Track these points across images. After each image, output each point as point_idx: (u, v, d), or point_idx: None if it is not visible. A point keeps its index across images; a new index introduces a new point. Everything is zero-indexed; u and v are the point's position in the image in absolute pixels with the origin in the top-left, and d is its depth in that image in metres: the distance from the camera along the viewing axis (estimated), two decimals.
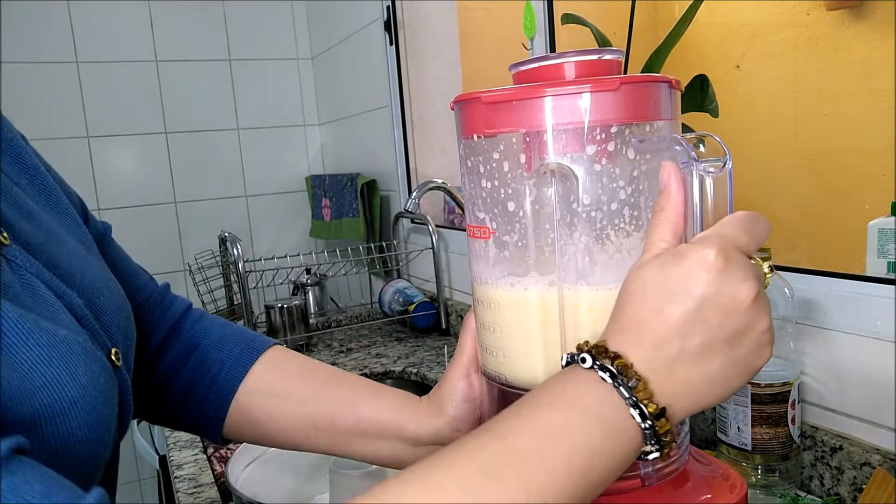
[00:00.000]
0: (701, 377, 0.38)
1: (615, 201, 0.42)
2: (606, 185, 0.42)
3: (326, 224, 2.12)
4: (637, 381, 0.36)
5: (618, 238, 0.43)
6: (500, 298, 0.46)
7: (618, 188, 0.42)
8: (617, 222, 0.43)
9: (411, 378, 1.35)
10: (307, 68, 2.35)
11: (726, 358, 0.38)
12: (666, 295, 0.38)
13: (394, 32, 1.72)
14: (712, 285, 0.37)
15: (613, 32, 1.37)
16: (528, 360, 0.46)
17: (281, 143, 2.33)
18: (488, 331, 0.48)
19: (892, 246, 1.05)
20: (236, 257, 1.45)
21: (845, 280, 0.76)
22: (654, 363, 0.37)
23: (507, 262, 0.45)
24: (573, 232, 0.43)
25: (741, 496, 0.48)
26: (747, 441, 0.75)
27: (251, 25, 2.24)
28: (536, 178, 0.43)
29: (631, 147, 0.42)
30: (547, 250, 0.44)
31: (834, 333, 0.77)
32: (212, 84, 2.22)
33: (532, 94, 0.42)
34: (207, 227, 2.18)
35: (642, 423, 0.36)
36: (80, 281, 0.47)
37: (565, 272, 0.43)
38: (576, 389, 0.37)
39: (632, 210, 0.43)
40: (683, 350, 0.37)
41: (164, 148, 2.17)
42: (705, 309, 0.37)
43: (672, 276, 0.38)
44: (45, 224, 0.48)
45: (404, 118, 1.76)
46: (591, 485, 0.36)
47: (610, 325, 0.40)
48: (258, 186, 2.31)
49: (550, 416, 0.36)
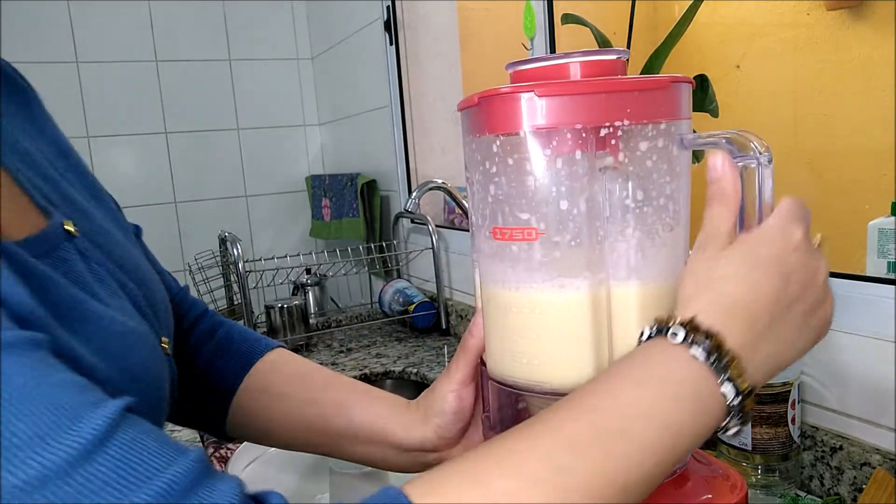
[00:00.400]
0: (781, 347, 0.40)
1: (662, 196, 0.44)
2: (656, 181, 0.43)
3: (326, 224, 2.12)
4: (731, 360, 0.37)
5: (664, 232, 0.44)
6: (546, 301, 0.44)
7: (664, 184, 0.44)
8: (663, 217, 0.44)
9: (411, 378, 1.35)
10: (307, 68, 2.34)
11: (803, 328, 0.41)
12: (759, 274, 0.39)
13: (394, 32, 1.72)
14: (799, 262, 0.40)
15: (613, 32, 1.37)
16: (576, 362, 0.45)
17: (281, 143, 2.33)
18: (522, 338, 0.46)
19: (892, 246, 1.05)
20: (236, 257, 1.45)
21: (845, 280, 0.76)
22: (746, 340, 0.38)
23: (556, 264, 0.43)
24: (625, 228, 0.43)
25: (741, 496, 0.47)
26: (747, 441, 0.75)
27: (251, 25, 2.24)
28: (590, 174, 0.42)
29: (675, 144, 0.43)
30: (597, 248, 0.43)
31: (834, 333, 0.77)
32: (212, 84, 2.22)
33: (596, 89, 0.41)
34: (207, 227, 2.18)
35: (733, 400, 0.37)
36: (135, 274, 0.49)
37: (616, 269, 0.44)
38: (664, 366, 0.37)
39: (674, 205, 0.44)
40: (772, 325, 0.39)
41: (164, 148, 2.17)
42: (792, 284, 0.40)
43: (762, 255, 0.39)
44: (97, 219, 0.50)
45: (404, 118, 1.76)
46: (674, 459, 0.36)
47: (692, 303, 0.39)
48: (258, 186, 2.31)
49: (639, 392, 0.36)
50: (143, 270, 0.52)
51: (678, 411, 0.36)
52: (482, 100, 0.44)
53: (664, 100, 0.43)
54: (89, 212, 0.49)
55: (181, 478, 0.31)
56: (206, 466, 0.33)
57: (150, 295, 0.51)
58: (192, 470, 0.31)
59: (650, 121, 0.42)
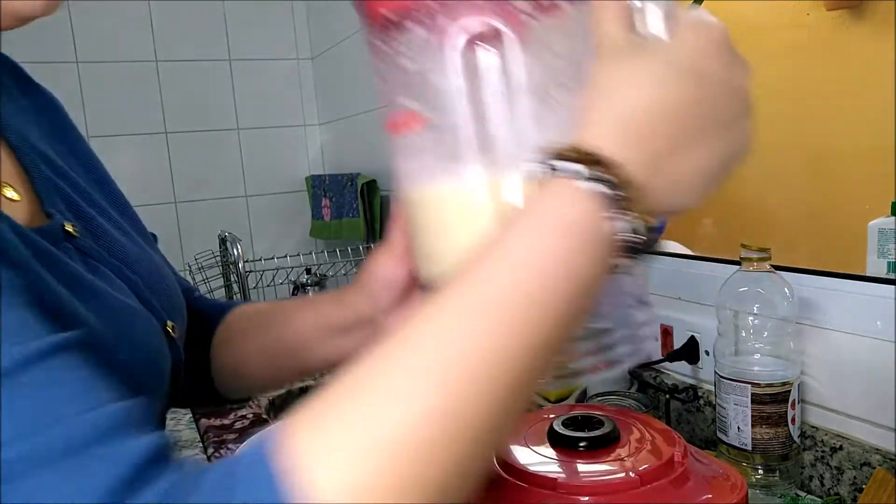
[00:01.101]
0: (693, 166, 0.35)
1: (556, 58, 0.38)
2: (545, 44, 0.38)
3: (326, 224, 2.12)
4: (630, 193, 0.32)
5: (564, 98, 0.38)
6: (445, 193, 0.40)
7: (555, 45, 0.38)
8: (561, 80, 0.38)
9: None
10: (307, 68, 2.34)
11: (717, 145, 0.35)
12: (666, 80, 0.33)
13: None
14: (716, 65, 0.34)
15: None
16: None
17: (281, 143, 2.33)
18: (428, 236, 0.42)
19: (892, 246, 1.05)
20: (236, 257, 1.45)
21: (845, 280, 0.77)
22: (648, 161, 0.33)
23: (447, 151, 0.39)
24: (517, 101, 0.38)
25: (741, 496, 0.48)
26: (747, 441, 0.75)
27: (251, 25, 2.24)
28: (467, 48, 0.38)
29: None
30: (489, 129, 0.39)
31: (834, 333, 0.77)
32: (212, 84, 2.22)
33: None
34: (207, 227, 2.18)
35: (633, 236, 0.33)
36: (137, 266, 0.53)
37: (517, 148, 0.38)
38: (556, 208, 0.33)
39: (575, 67, 0.38)
40: (683, 141, 0.34)
41: (164, 148, 2.17)
42: (706, 90, 0.34)
43: (672, 58, 0.34)
44: (104, 223, 0.53)
45: None
46: (580, 308, 0.34)
47: (590, 127, 0.34)
48: (258, 186, 2.31)
49: (530, 242, 0.33)
50: (149, 264, 0.55)
51: (574, 255, 0.32)
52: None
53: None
54: (97, 215, 0.52)
55: (87, 429, 0.29)
56: (126, 423, 0.30)
57: (153, 281, 0.54)
58: (106, 421, 0.30)
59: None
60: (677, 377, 0.97)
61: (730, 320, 0.77)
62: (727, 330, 0.78)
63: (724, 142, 0.35)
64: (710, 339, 0.89)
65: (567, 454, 0.52)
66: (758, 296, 0.75)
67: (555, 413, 0.58)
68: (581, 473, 0.49)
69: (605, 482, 0.47)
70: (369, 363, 0.32)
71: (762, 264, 0.75)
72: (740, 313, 0.76)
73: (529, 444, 0.54)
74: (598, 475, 0.48)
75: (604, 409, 0.59)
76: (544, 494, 0.47)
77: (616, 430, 0.53)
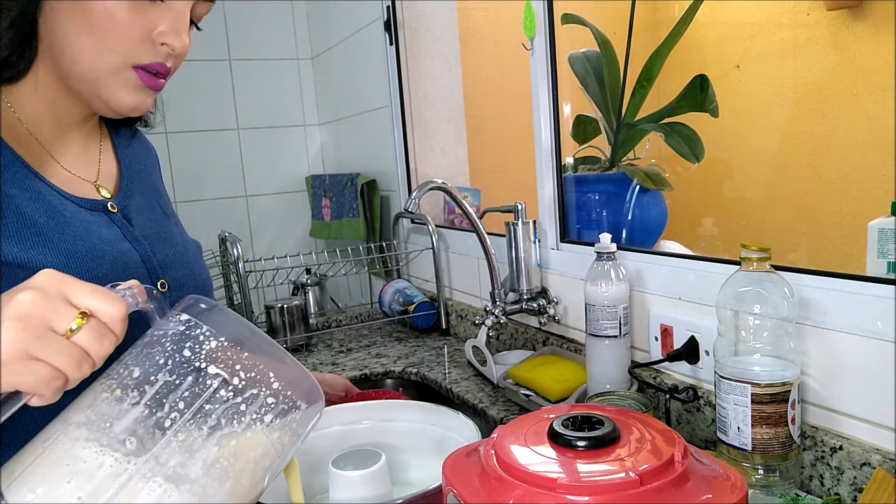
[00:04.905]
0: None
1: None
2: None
3: (326, 224, 2.12)
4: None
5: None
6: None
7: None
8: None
9: (411, 378, 1.35)
10: (307, 68, 2.34)
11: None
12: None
13: (394, 32, 1.72)
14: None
15: (613, 32, 1.37)
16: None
17: (281, 143, 2.33)
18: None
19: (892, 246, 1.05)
20: (236, 257, 1.45)
21: (845, 280, 0.76)
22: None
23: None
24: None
25: (741, 496, 0.48)
26: (747, 441, 0.75)
27: (251, 25, 2.24)
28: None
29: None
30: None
31: (834, 333, 0.77)
32: (212, 84, 2.22)
33: None
34: (207, 227, 2.18)
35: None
36: (157, 239, 0.80)
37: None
38: None
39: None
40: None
41: (164, 148, 2.17)
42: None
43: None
44: (146, 211, 0.82)
45: (404, 118, 1.76)
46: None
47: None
48: (258, 186, 2.31)
49: None
50: (177, 255, 0.81)
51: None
52: None
53: None
54: (141, 206, 0.80)
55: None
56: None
57: (162, 250, 0.78)
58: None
59: None
60: (677, 377, 0.97)
61: (730, 320, 0.77)
62: (727, 330, 0.78)
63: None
64: (710, 339, 0.89)
65: (567, 454, 0.52)
66: (758, 296, 0.75)
67: (555, 413, 0.58)
68: (581, 473, 0.49)
69: (605, 482, 0.47)
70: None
71: (762, 264, 0.75)
72: (740, 313, 0.76)
73: (529, 444, 0.54)
74: (598, 475, 0.48)
75: (604, 409, 0.59)
76: (544, 494, 0.47)
77: (616, 430, 0.53)
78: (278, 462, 0.52)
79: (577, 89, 1.38)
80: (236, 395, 0.48)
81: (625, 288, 0.97)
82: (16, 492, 0.44)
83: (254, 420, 0.49)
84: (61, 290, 0.46)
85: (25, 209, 0.65)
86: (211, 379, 0.48)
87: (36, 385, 0.44)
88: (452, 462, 0.57)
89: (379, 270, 1.91)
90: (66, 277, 0.47)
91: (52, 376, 0.45)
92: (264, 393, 0.49)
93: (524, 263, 1.22)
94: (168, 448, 0.46)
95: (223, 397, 0.48)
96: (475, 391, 1.19)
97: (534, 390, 1.09)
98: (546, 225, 1.26)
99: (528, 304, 1.23)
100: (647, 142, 1.36)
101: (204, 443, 0.47)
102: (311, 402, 0.52)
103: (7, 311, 0.44)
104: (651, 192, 1.28)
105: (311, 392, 0.52)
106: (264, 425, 0.49)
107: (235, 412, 0.48)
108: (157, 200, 0.87)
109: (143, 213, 0.80)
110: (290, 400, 0.50)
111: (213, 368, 0.48)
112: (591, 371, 1.01)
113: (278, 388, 0.50)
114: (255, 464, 0.49)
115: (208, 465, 0.46)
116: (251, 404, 0.49)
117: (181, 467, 0.46)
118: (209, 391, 0.48)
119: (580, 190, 1.30)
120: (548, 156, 1.25)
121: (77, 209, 0.71)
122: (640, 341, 1.05)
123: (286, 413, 0.50)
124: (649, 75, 1.29)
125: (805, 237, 1.73)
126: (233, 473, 0.48)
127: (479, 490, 0.51)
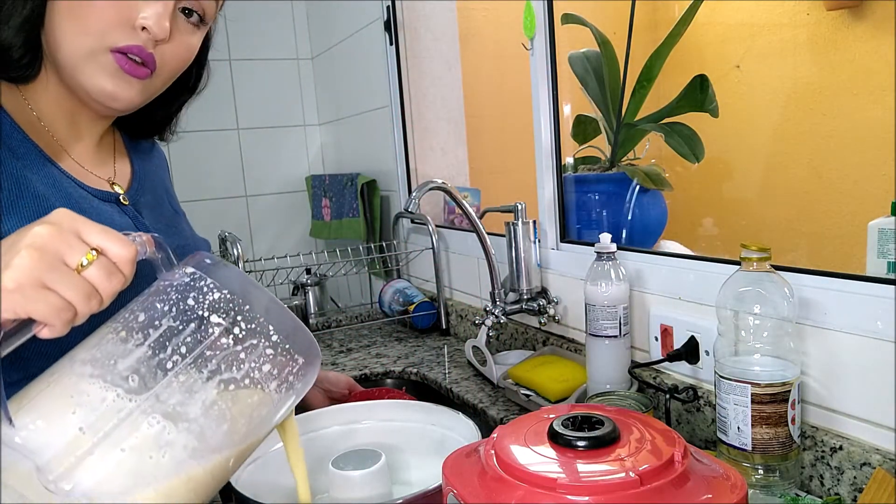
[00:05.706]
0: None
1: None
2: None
3: (326, 224, 2.12)
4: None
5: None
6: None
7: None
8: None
9: (411, 378, 1.35)
10: (307, 68, 2.34)
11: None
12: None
13: (394, 32, 1.72)
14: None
15: (613, 32, 1.37)
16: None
17: (281, 143, 2.33)
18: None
19: (892, 246, 1.05)
20: (236, 257, 1.45)
21: (845, 280, 0.76)
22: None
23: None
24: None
25: (741, 496, 0.48)
26: (747, 441, 0.75)
27: (251, 25, 2.24)
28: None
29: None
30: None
31: (834, 333, 0.77)
32: (212, 84, 2.21)
33: None
34: (207, 227, 2.18)
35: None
36: (167, 232, 0.83)
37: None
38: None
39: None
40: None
41: (164, 148, 2.17)
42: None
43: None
44: (155, 207, 0.86)
45: (404, 118, 1.76)
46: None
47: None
48: (258, 186, 2.31)
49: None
50: (185, 239, 0.87)
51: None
52: None
53: None
54: (152, 203, 0.85)
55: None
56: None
57: (172, 241, 0.74)
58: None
59: None
60: (677, 377, 0.97)
61: (730, 320, 0.77)
62: (727, 330, 0.78)
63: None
64: (710, 339, 0.89)
65: (567, 454, 0.52)
66: (758, 296, 0.75)
67: (555, 413, 0.58)
68: (581, 473, 0.49)
69: (605, 482, 0.47)
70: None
71: (762, 264, 0.75)
72: (740, 313, 0.76)
73: (529, 444, 0.54)
74: (598, 475, 0.48)
75: (604, 409, 0.59)
76: (544, 494, 0.47)
77: (616, 430, 0.53)
78: (274, 413, 0.54)
79: (577, 89, 1.38)
80: (236, 344, 0.50)
81: (625, 288, 0.97)
82: (22, 419, 0.46)
83: (252, 368, 0.51)
84: (75, 227, 0.48)
85: (42, 192, 0.68)
86: (213, 327, 0.50)
87: (47, 314, 0.46)
88: (452, 462, 0.57)
89: (379, 270, 1.91)
90: (79, 216, 0.49)
91: (62, 306, 0.47)
92: (263, 344, 0.51)
93: (524, 263, 1.22)
94: (169, 388, 0.48)
95: (224, 344, 0.50)
96: (475, 391, 1.19)
97: (534, 390, 1.09)
98: (546, 225, 1.26)
99: (528, 304, 1.23)
100: (647, 142, 1.36)
101: (203, 385, 0.49)
102: (308, 357, 0.54)
103: (24, 240, 0.46)
104: (651, 192, 1.28)
105: (310, 348, 0.54)
106: (262, 374, 0.51)
107: (235, 359, 0.50)
108: (167, 199, 0.91)
109: (154, 208, 0.85)
110: (289, 353, 0.52)
111: (216, 318, 0.50)
112: (591, 371, 1.01)
113: (277, 340, 0.52)
114: (252, 410, 0.52)
115: (207, 406, 0.49)
116: (250, 353, 0.51)
117: (180, 406, 0.48)
118: (211, 338, 0.50)
119: (580, 190, 1.30)
120: (548, 156, 1.25)
121: (91, 198, 0.74)
122: (640, 341, 1.05)
123: (284, 365, 0.52)
124: (649, 75, 1.29)
125: (805, 237, 1.73)
126: (230, 416, 0.50)
127: (479, 490, 0.51)
